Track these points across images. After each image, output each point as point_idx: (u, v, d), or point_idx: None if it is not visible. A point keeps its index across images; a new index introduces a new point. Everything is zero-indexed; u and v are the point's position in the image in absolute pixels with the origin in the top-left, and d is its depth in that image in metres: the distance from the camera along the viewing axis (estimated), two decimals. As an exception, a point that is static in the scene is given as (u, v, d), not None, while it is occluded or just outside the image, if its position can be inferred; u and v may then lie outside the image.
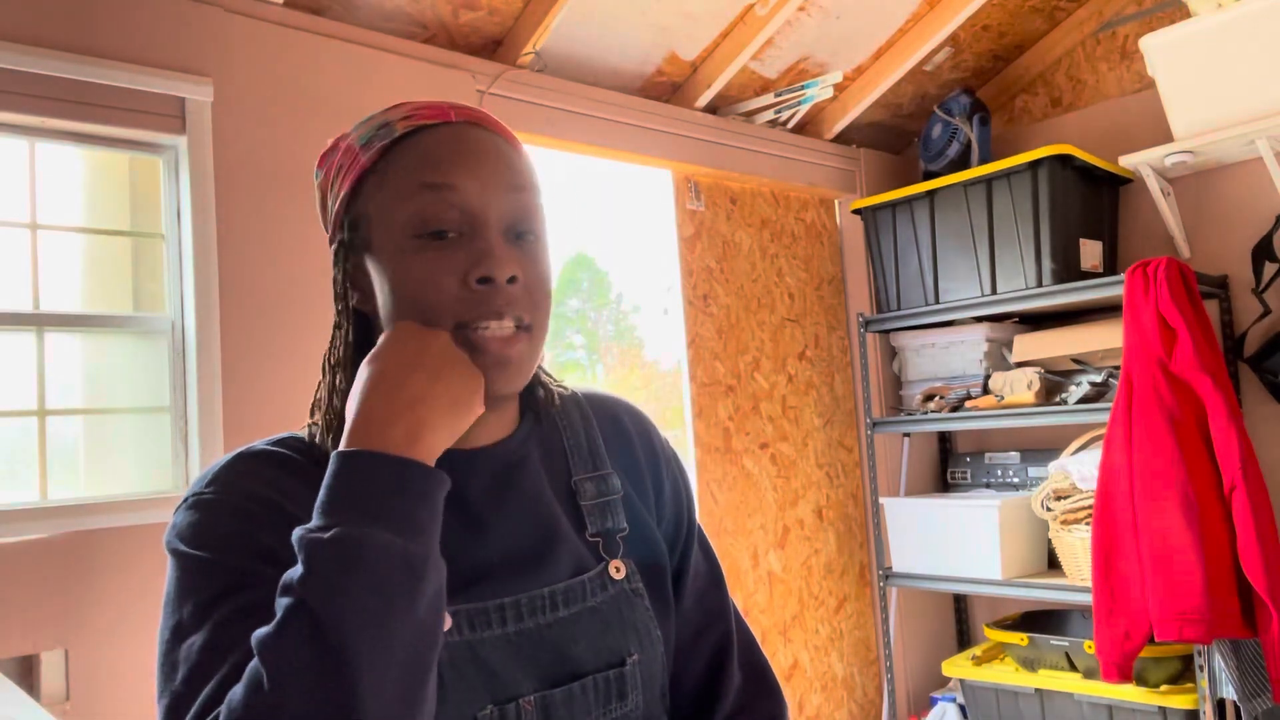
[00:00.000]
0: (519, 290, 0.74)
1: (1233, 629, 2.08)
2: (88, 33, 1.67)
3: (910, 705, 3.02)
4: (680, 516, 0.91)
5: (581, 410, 0.89)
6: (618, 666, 0.78)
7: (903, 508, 2.82)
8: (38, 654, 1.54)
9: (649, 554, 0.85)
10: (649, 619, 0.81)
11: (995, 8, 2.72)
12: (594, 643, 0.77)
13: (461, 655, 0.72)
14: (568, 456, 0.85)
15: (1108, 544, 2.22)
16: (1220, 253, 2.66)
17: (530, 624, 0.75)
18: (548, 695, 0.74)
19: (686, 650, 0.89)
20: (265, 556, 0.67)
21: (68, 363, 1.71)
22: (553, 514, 0.80)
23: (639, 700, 0.79)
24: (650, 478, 0.89)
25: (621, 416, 0.92)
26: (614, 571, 0.80)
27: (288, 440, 0.77)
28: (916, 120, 3.15)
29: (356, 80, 2.00)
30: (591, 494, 0.83)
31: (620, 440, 0.89)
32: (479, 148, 0.75)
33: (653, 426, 0.94)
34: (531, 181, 0.78)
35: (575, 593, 0.78)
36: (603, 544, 0.82)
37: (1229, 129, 2.35)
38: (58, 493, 1.67)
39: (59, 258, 1.72)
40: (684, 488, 0.93)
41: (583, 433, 0.87)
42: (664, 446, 0.93)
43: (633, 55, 2.43)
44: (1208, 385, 2.16)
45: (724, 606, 0.93)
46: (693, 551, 0.92)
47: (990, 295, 2.66)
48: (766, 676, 0.93)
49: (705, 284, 2.71)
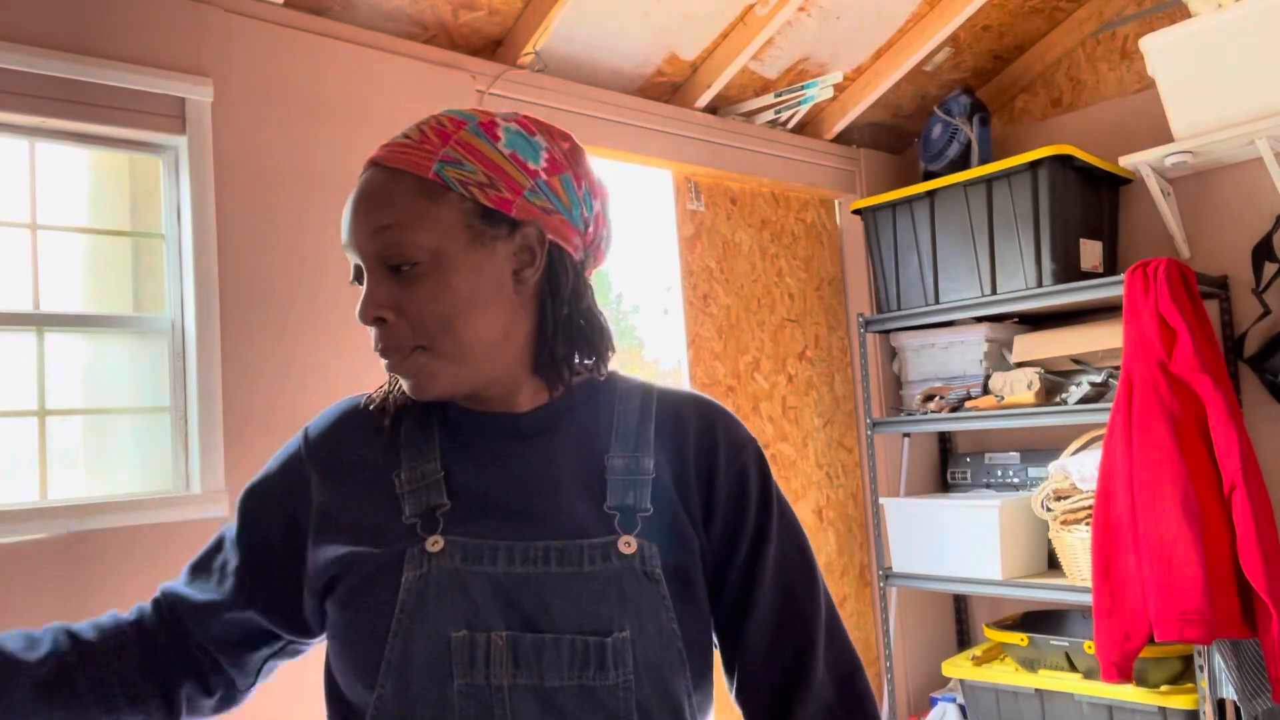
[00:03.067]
0: (397, 326, 0.81)
1: (1233, 629, 2.08)
2: (88, 33, 1.67)
3: (910, 705, 3.02)
4: (745, 506, 0.88)
5: (644, 399, 0.90)
6: (601, 636, 0.77)
7: (903, 508, 2.82)
8: (38, 654, 1.54)
9: (674, 543, 0.83)
10: (661, 605, 0.80)
11: (995, 8, 2.72)
12: (579, 605, 0.78)
13: (449, 581, 0.78)
14: (610, 434, 0.87)
15: (1108, 544, 2.22)
16: (1220, 253, 2.66)
17: (520, 570, 0.79)
18: (519, 636, 0.77)
19: (759, 639, 0.87)
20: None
21: (68, 363, 1.71)
22: (563, 477, 0.84)
23: (629, 679, 0.78)
24: (703, 470, 0.87)
25: (686, 410, 0.90)
26: (623, 546, 0.81)
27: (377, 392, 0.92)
28: (916, 120, 3.15)
29: (356, 80, 2.00)
30: (620, 470, 0.85)
31: (676, 431, 0.88)
32: (362, 193, 0.82)
33: (725, 421, 0.91)
34: (401, 213, 0.80)
35: (571, 553, 0.80)
36: (619, 518, 0.82)
37: (1229, 129, 2.35)
38: (58, 493, 1.67)
39: (59, 258, 1.72)
40: (753, 479, 0.89)
41: (635, 419, 0.88)
42: (731, 440, 0.89)
43: (633, 55, 2.43)
44: (1208, 385, 2.16)
45: (800, 596, 0.89)
46: (770, 539, 0.88)
47: (990, 295, 2.66)
48: (864, 705, 0.88)
49: (705, 284, 2.71)
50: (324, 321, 1.92)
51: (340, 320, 1.94)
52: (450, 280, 0.80)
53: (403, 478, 0.85)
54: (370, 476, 0.86)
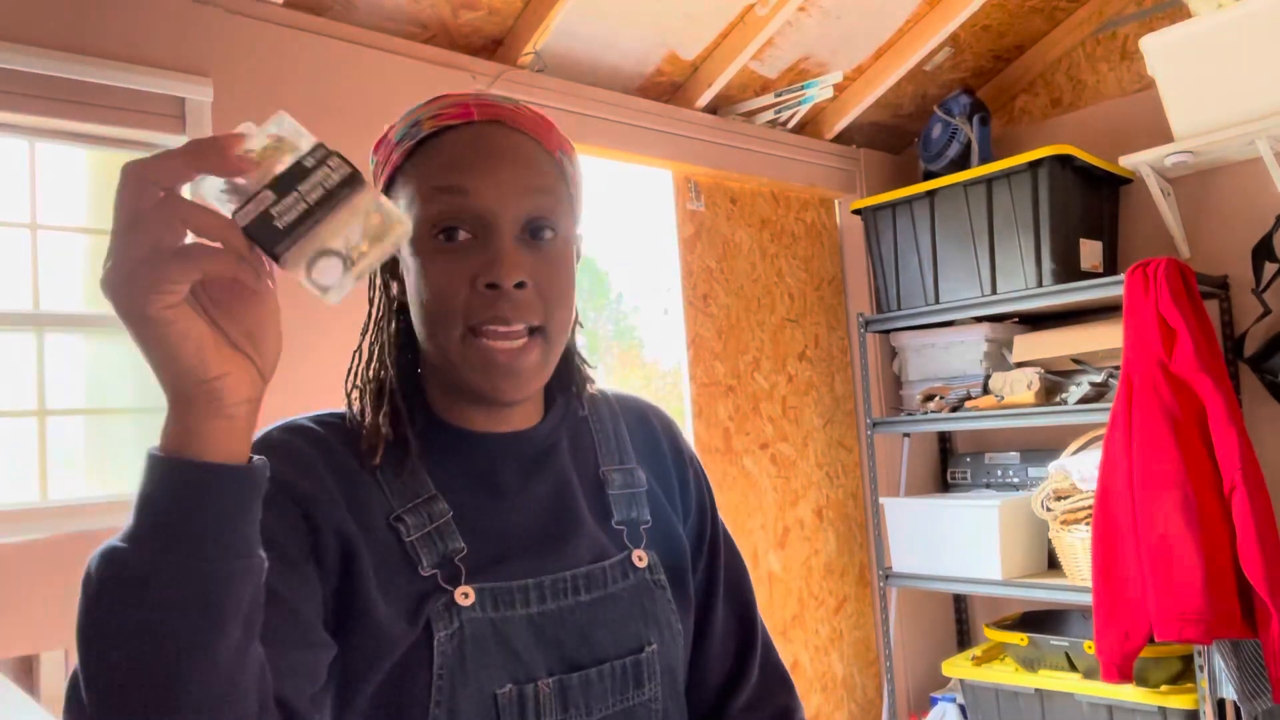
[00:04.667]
0: (529, 295, 0.74)
1: (1233, 629, 2.08)
2: (88, 33, 1.67)
3: (910, 705, 3.02)
4: (705, 513, 0.93)
5: (610, 406, 0.91)
6: (636, 654, 0.78)
7: (903, 508, 2.82)
8: (37, 654, 1.54)
9: (671, 548, 0.86)
10: (670, 611, 0.82)
11: (995, 8, 2.72)
12: (614, 629, 0.78)
13: (485, 633, 0.72)
14: (596, 448, 0.87)
15: (1108, 544, 2.22)
16: (1220, 253, 2.66)
17: (553, 606, 0.76)
18: (565, 679, 0.74)
19: (716, 643, 0.90)
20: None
21: (68, 363, 1.71)
22: (575, 501, 0.81)
23: (657, 690, 0.79)
24: (676, 476, 0.91)
25: (649, 415, 0.94)
26: (637, 560, 0.81)
27: (324, 417, 0.79)
28: (916, 120, 3.15)
29: (356, 80, 2.00)
30: (619, 484, 0.85)
31: (648, 438, 0.91)
32: (495, 148, 0.76)
33: (678, 427, 0.96)
34: (552, 180, 0.78)
35: (596, 578, 0.79)
36: (626, 533, 0.83)
37: (1229, 129, 2.35)
38: (58, 493, 1.67)
39: (59, 258, 1.72)
40: (706, 486, 0.95)
41: (610, 427, 0.89)
42: (687, 446, 0.95)
43: (633, 55, 2.43)
44: (1208, 385, 2.15)
45: (750, 602, 0.95)
46: (721, 547, 0.93)
47: (990, 295, 2.66)
48: (781, 671, 0.95)
49: (705, 284, 2.71)
50: (322, 321, 1.92)
51: (340, 319, 1.94)
52: (570, 259, 0.79)
53: (408, 523, 0.74)
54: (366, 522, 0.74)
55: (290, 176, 0.55)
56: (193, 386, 0.53)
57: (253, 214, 0.54)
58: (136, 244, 0.51)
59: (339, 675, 0.70)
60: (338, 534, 0.70)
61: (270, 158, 0.55)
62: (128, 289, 0.51)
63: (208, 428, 0.54)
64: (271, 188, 0.54)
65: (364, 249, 0.55)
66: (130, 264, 0.51)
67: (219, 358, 0.54)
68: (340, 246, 0.55)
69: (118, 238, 0.51)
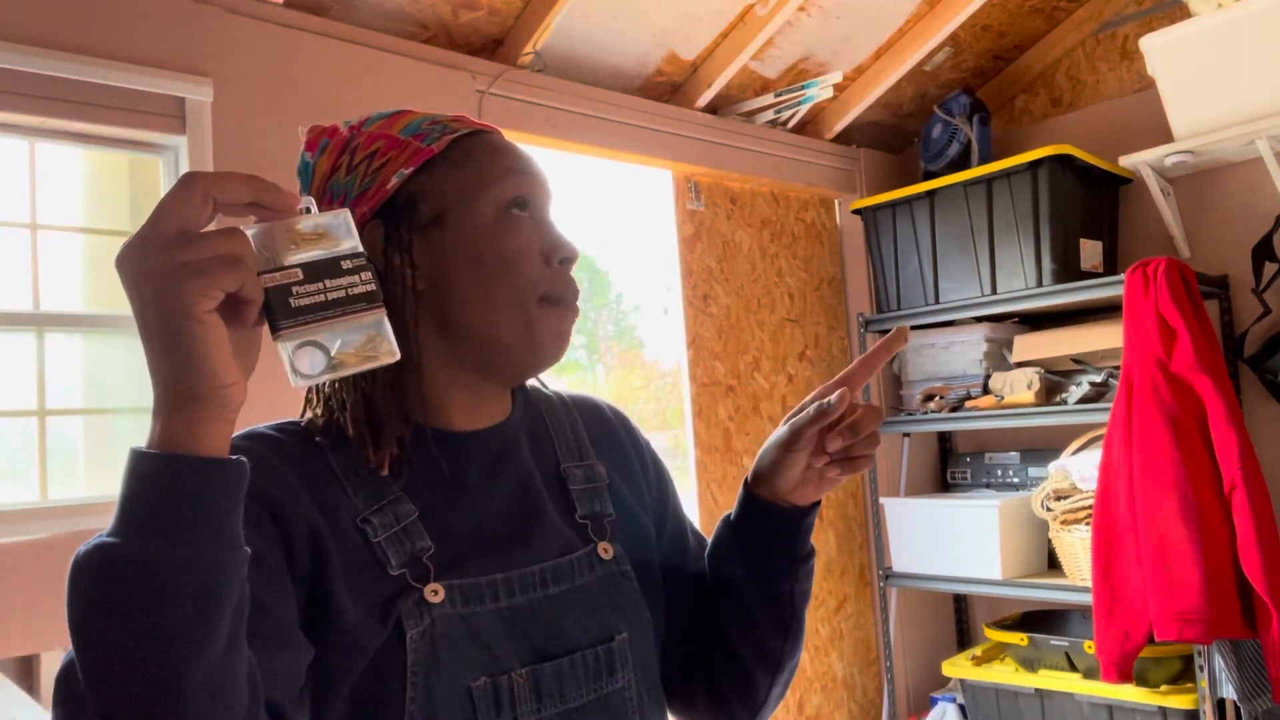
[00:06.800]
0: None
1: (1233, 629, 2.08)
2: (88, 33, 1.67)
3: (910, 705, 3.02)
4: (665, 496, 0.97)
5: (564, 404, 0.94)
6: (606, 643, 0.80)
7: (903, 508, 2.82)
8: (37, 654, 1.55)
9: (636, 539, 0.88)
10: (638, 601, 0.84)
11: (995, 8, 2.72)
12: (583, 620, 0.80)
13: (456, 628, 0.74)
14: (555, 445, 0.89)
15: (1107, 544, 2.22)
16: (1220, 253, 2.66)
17: (521, 600, 0.77)
18: (538, 669, 0.76)
19: (685, 623, 0.92)
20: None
21: (68, 363, 1.71)
22: (540, 497, 0.83)
23: (630, 679, 0.81)
24: (638, 466, 0.95)
25: (603, 410, 0.97)
26: (602, 552, 0.83)
27: (284, 425, 0.80)
28: (916, 120, 3.15)
29: (356, 80, 2.00)
30: (580, 479, 0.87)
31: (605, 432, 0.94)
32: (519, 152, 0.85)
33: (630, 419, 1.01)
34: None
35: (564, 571, 0.80)
36: (591, 526, 0.85)
37: (1229, 129, 2.35)
38: (58, 493, 1.67)
39: (59, 258, 1.72)
40: (663, 470, 0.99)
41: (567, 424, 0.91)
42: (641, 436, 1.00)
43: (633, 55, 2.43)
44: (1208, 385, 2.16)
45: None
46: (685, 525, 0.98)
47: (990, 295, 2.66)
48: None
49: (705, 284, 2.71)
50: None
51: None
52: None
53: (375, 524, 0.74)
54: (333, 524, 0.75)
55: (324, 267, 0.59)
56: (210, 390, 0.55)
57: (278, 281, 0.58)
58: (193, 248, 0.54)
59: (315, 677, 0.70)
60: (308, 537, 0.71)
61: (310, 238, 0.59)
62: (176, 288, 0.53)
63: (211, 429, 0.57)
64: (304, 268, 0.58)
65: (348, 360, 0.59)
66: (176, 265, 0.53)
67: (234, 367, 0.57)
68: (333, 349, 0.59)
69: (167, 238, 0.54)
